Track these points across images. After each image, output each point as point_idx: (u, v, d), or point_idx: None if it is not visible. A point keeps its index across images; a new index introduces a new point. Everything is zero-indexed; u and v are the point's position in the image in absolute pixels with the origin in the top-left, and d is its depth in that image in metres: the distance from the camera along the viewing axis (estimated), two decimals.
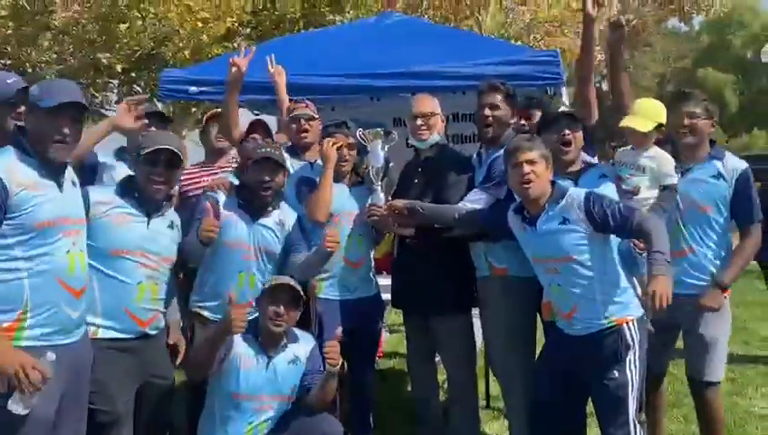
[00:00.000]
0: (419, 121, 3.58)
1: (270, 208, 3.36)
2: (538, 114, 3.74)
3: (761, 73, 30.84)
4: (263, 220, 3.34)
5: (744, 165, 3.32)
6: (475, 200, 3.33)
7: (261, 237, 3.32)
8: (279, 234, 3.36)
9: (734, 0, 28.28)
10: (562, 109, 3.27)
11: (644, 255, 2.90)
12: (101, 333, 2.76)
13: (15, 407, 2.27)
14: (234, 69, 3.83)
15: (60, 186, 2.48)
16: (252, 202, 3.35)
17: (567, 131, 3.19)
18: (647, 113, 3.22)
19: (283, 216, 3.40)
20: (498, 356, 3.54)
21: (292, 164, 3.69)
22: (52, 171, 2.46)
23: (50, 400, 2.39)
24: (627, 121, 3.20)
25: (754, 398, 4.65)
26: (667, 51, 40.52)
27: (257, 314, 3.15)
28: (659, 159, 3.19)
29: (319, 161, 3.66)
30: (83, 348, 2.59)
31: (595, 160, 3.36)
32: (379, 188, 3.49)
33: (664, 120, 3.24)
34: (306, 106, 3.91)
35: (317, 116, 3.91)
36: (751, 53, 36.39)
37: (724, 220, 3.31)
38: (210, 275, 3.33)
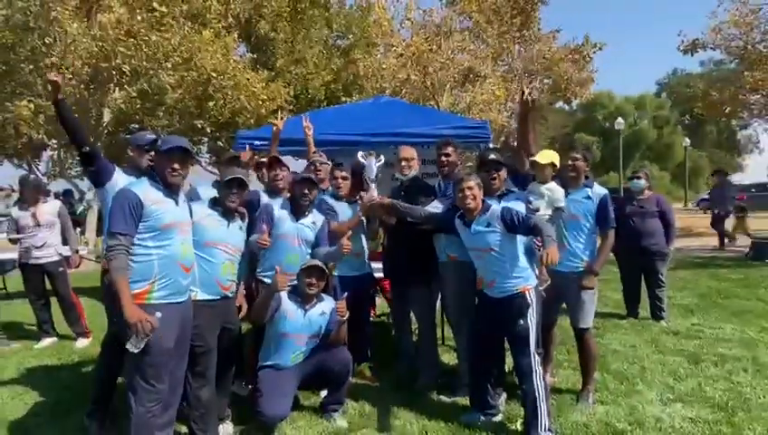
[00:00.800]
0: (404, 163, 3.59)
1: (307, 213, 3.34)
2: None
3: (614, 136, 31.16)
4: (302, 220, 3.31)
5: (604, 191, 3.36)
6: (435, 207, 3.33)
7: (301, 232, 3.29)
8: (312, 230, 3.33)
9: (598, 90, 28.57)
10: (492, 156, 3.27)
11: (540, 249, 2.91)
12: (200, 296, 2.74)
13: (131, 347, 2.24)
14: (274, 127, 3.95)
15: (176, 202, 2.49)
16: (297, 208, 3.32)
17: (494, 172, 3.20)
18: (545, 155, 3.30)
19: (315, 218, 3.38)
20: (453, 312, 3.50)
21: None
22: (171, 192, 2.47)
23: (171, 337, 2.39)
24: (534, 157, 3.29)
25: (610, 340, 4.63)
26: (556, 122, 40.83)
27: (296, 283, 3.13)
28: (553, 191, 3.25)
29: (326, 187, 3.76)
30: (189, 306, 2.58)
31: (515, 189, 3.34)
32: (373, 186, 3.41)
33: (557, 162, 3.29)
34: (320, 155, 3.95)
35: (327, 162, 3.94)
36: (608, 124, 36.79)
37: (590, 226, 3.33)
38: (270, 256, 3.28)
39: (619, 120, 24.46)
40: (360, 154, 3.54)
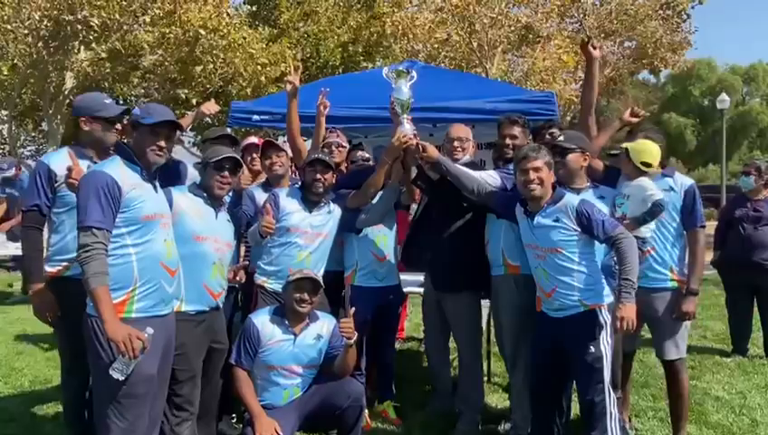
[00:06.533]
0: (456, 144, 3.56)
1: (322, 203, 3.43)
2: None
3: (715, 118, 30.44)
4: (316, 212, 3.42)
5: (690, 180, 3.29)
6: (493, 178, 3.28)
7: (315, 224, 3.42)
8: (328, 219, 3.47)
9: (694, 57, 27.99)
10: (559, 140, 3.20)
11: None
12: (185, 307, 2.76)
13: (116, 374, 2.25)
14: (289, 87, 3.83)
15: (155, 187, 2.53)
16: (308, 196, 3.41)
17: (557, 157, 3.09)
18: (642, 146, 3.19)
19: (332, 208, 3.48)
20: (508, 340, 3.44)
21: None
22: (150, 175, 2.50)
23: (154, 361, 2.41)
24: (629, 143, 3.18)
25: (711, 382, 4.54)
26: (637, 98, 40.13)
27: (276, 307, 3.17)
28: (638, 185, 3.11)
29: None
30: (173, 319, 2.60)
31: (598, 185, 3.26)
32: (405, 120, 3.33)
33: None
34: (337, 136, 3.95)
35: (345, 144, 3.98)
36: (707, 102, 36.01)
37: (677, 225, 3.24)
38: (273, 254, 3.37)
39: (723, 96, 23.86)
40: (384, 72, 3.46)
